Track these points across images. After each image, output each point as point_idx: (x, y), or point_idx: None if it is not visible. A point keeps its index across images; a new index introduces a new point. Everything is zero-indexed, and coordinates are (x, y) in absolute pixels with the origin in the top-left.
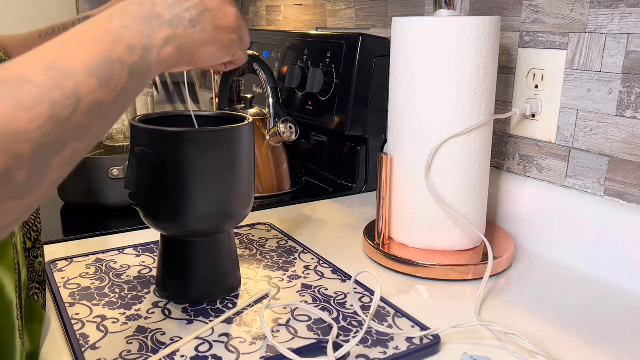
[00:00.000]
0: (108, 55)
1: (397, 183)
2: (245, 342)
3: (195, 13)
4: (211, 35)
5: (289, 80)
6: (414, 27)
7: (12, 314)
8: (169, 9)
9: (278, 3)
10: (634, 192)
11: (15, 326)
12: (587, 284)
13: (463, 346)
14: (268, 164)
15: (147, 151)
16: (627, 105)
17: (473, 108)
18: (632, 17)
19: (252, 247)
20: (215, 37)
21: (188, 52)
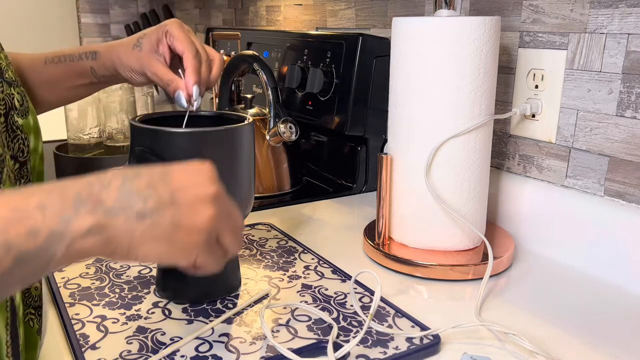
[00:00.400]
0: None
1: (397, 183)
2: (245, 342)
3: (153, 205)
4: (164, 232)
5: (289, 80)
6: (414, 27)
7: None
8: (117, 196)
9: (278, 3)
10: (634, 192)
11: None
12: (587, 284)
13: (463, 346)
14: (268, 164)
15: (147, 151)
16: (627, 105)
17: (473, 108)
18: (632, 17)
19: (252, 247)
20: (171, 235)
21: (122, 246)
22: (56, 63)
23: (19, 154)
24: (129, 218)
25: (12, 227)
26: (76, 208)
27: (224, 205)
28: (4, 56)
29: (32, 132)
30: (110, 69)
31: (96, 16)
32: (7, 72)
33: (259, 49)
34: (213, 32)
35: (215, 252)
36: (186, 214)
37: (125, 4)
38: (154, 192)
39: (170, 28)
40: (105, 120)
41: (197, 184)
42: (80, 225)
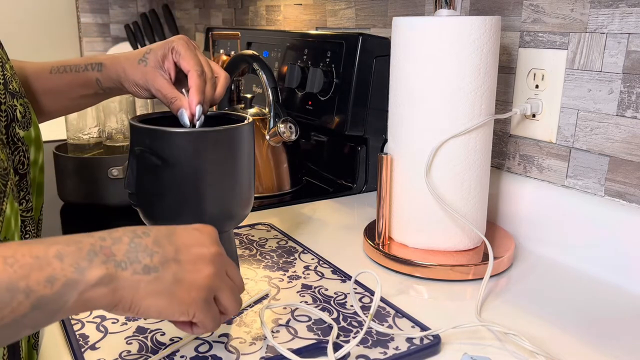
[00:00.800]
0: (16, 282)
1: (397, 183)
2: (245, 342)
3: (158, 261)
4: (167, 287)
5: (289, 80)
6: (414, 27)
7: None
8: (127, 250)
9: (278, 3)
10: (634, 192)
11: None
12: (587, 284)
13: (463, 346)
14: (268, 164)
15: (147, 151)
16: (628, 105)
17: (473, 108)
18: (632, 16)
19: (252, 247)
20: (172, 291)
21: (126, 299)
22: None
23: (19, 166)
24: (136, 271)
25: (33, 274)
26: (90, 259)
27: (223, 265)
28: (9, 67)
29: (33, 144)
30: (116, 82)
31: (96, 16)
32: (11, 83)
33: (259, 49)
34: (213, 32)
35: (213, 311)
36: (188, 271)
37: (125, 4)
38: (160, 249)
39: (176, 45)
40: (105, 120)
41: (199, 244)
42: (93, 275)
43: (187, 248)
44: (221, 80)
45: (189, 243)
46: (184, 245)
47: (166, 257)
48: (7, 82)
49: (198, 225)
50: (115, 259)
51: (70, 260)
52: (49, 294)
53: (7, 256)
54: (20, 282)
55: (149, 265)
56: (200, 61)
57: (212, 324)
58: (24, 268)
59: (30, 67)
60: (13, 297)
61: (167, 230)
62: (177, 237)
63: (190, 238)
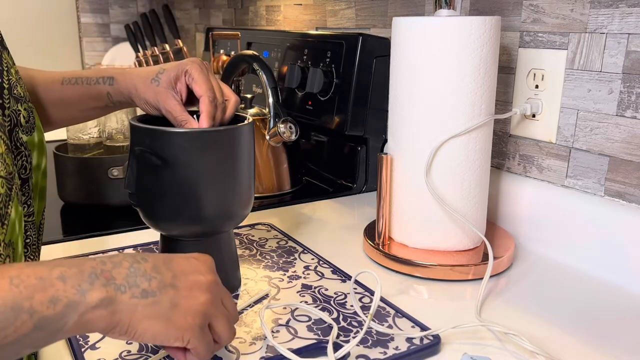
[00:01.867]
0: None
1: (397, 183)
2: (245, 342)
3: (156, 286)
4: (163, 311)
5: (289, 80)
6: (414, 27)
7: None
8: (126, 274)
9: (278, 3)
10: (634, 192)
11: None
12: (587, 284)
13: (463, 346)
14: (268, 164)
15: (147, 151)
16: (628, 105)
17: (473, 108)
18: (632, 17)
19: (252, 247)
20: (168, 316)
21: (123, 322)
22: (73, 84)
23: (21, 170)
24: (134, 295)
25: (37, 295)
26: (91, 281)
27: (219, 293)
28: (15, 71)
29: (36, 148)
30: (126, 96)
31: (96, 16)
32: (16, 88)
33: (259, 49)
34: (213, 32)
35: (207, 338)
36: (184, 297)
37: (125, 4)
38: (158, 275)
39: (190, 68)
40: (105, 120)
41: (197, 272)
42: (94, 297)
43: (184, 275)
44: (231, 104)
45: (186, 270)
46: (182, 272)
47: (164, 283)
48: (12, 87)
49: (196, 254)
50: (115, 283)
51: (73, 282)
52: (52, 314)
53: (13, 276)
54: (25, 302)
55: (147, 290)
56: (212, 86)
57: (205, 351)
58: (29, 289)
59: (41, 76)
60: (17, 316)
61: (165, 257)
62: (175, 264)
63: (187, 265)
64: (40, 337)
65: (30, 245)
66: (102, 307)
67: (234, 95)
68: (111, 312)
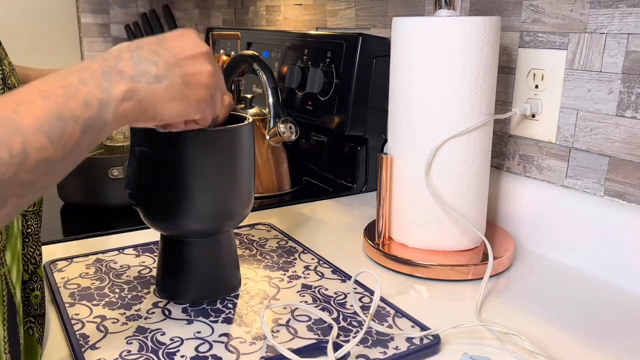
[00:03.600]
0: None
1: (397, 183)
2: (245, 342)
3: (164, 68)
4: (179, 91)
5: (289, 80)
6: (414, 27)
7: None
8: (133, 64)
9: (278, 3)
10: (634, 192)
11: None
12: (587, 283)
13: (463, 346)
14: (268, 164)
15: (147, 151)
16: (627, 105)
17: (473, 108)
18: (632, 17)
19: (252, 247)
20: (184, 93)
21: (150, 108)
22: None
23: None
24: (149, 82)
25: (70, 102)
26: (107, 79)
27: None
28: (8, 62)
29: None
30: None
31: (96, 16)
32: (10, 78)
33: (259, 49)
34: (213, 32)
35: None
36: (191, 73)
37: (125, 4)
38: (159, 58)
39: None
40: None
41: (191, 46)
42: (117, 92)
43: (182, 51)
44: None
45: (182, 46)
46: (179, 49)
47: (168, 64)
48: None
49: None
50: (128, 74)
51: (94, 83)
52: (91, 115)
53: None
54: (64, 110)
55: (157, 74)
56: None
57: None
58: (61, 98)
59: (34, 74)
60: (66, 124)
61: (156, 39)
62: (168, 43)
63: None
64: (91, 139)
65: (31, 235)
66: (128, 99)
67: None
68: (137, 101)
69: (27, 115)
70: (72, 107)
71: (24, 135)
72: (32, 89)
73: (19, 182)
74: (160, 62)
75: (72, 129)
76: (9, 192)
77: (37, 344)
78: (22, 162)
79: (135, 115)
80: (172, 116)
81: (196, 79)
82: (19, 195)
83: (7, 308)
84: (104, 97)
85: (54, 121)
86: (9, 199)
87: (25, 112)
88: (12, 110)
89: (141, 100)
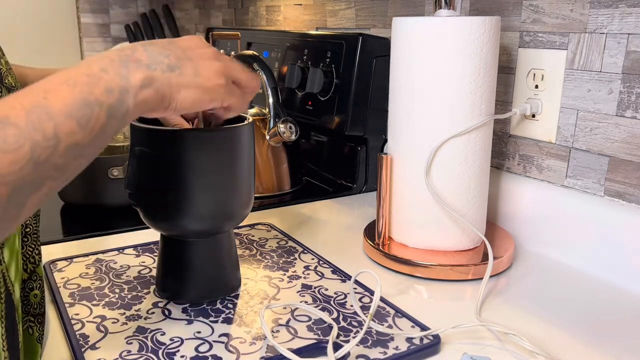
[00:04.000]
0: (87, 97)
1: (397, 183)
2: (245, 342)
3: (175, 59)
4: (191, 80)
5: (289, 80)
6: (414, 27)
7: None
8: (147, 55)
9: (278, 3)
10: (634, 192)
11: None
12: (587, 283)
13: (463, 346)
14: (268, 164)
15: (147, 151)
16: (627, 105)
17: (473, 108)
18: (632, 17)
19: (252, 247)
20: (197, 82)
21: (166, 95)
22: None
23: None
24: (164, 71)
25: (94, 89)
26: (126, 67)
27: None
28: (5, 62)
29: None
30: None
31: (96, 16)
32: (7, 77)
33: (259, 49)
34: (213, 32)
35: (236, 92)
36: (201, 66)
37: (125, 4)
38: (171, 52)
39: None
40: None
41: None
42: (136, 79)
43: (191, 49)
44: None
45: (191, 45)
46: (188, 47)
47: (179, 56)
48: (3, 77)
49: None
50: (144, 63)
51: (114, 71)
52: (114, 102)
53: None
54: (89, 97)
55: (170, 64)
56: None
57: (239, 103)
58: (85, 86)
59: (32, 74)
60: (92, 110)
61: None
62: (178, 42)
63: (189, 42)
64: (114, 124)
65: (30, 234)
66: (146, 86)
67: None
68: (155, 89)
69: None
70: (96, 93)
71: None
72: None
73: (53, 165)
74: (171, 55)
75: (97, 114)
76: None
77: (37, 343)
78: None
79: (153, 103)
80: (186, 104)
81: (207, 72)
82: (54, 178)
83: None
84: (124, 84)
85: (81, 107)
86: (44, 181)
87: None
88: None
89: (158, 88)
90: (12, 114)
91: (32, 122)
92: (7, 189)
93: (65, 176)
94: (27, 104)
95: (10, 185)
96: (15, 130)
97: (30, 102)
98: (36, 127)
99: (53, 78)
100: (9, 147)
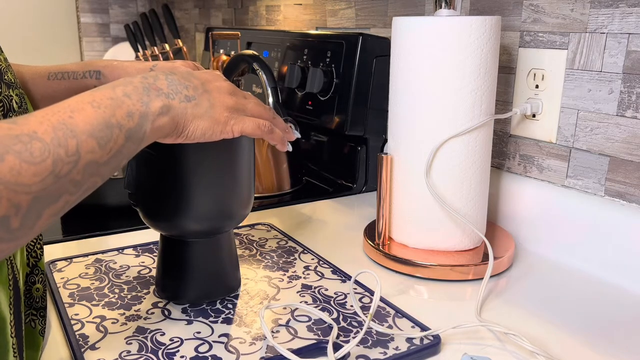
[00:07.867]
0: (109, 119)
1: (397, 183)
2: (245, 342)
3: (193, 91)
4: (205, 111)
5: (289, 80)
6: (414, 27)
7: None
8: (168, 84)
9: (278, 3)
10: (634, 192)
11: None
12: (587, 284)
13: (463, 346)
14: (268, 164)
15: (147, 151)
16: (628, 105)
17: (473, 108)
18: (632, 16)
19: (252, 247)
20: (210, 114)
21: (180, 124)
22: (59, 79)
23: None
24: (182, 101)
25: (117, 112)
26: (148, 94)
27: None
28: (4, 58)
29: None
30: None
31: (96, 16)
32: (6, 74)
33: (259, 49)
34: (213, 32)
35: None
36: (216, 98)
37: (125, 4)
38: (190, 83)
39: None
40: None
41: (217, 79)
42: (155, 107)
43: (209, 82)
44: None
45: (209, 79)
46: (206, 80)
47: (197, 89)
48: (2, 73)
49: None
50: (164, 92)
51: (136, 97)
52: (133, 126)
53: (91, 101)
54: (111, 119)
55: (188, 95)
56: None
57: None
58: (109, 108)
59: (28, 71)
60: (112, 132)
61: (185, 71)
62: (197, 75)
63: (208, 75)
64: (131, 147)
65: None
66: (163, 114)
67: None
68: (171, 117)
69: (81, 120)
70: (118, 116)
71: (77, 138)
72: (83, 99)
73: (71, 181)
74: (190, 86)
75: (117, 136)
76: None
77: (40, 336)
78: (75, 162)
79: (168, 129)
80: (197, 133)
81: (221, 103)
82: (71, 192)
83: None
84: (144, 110)
85: (103, 128)
86: (62, 195)
87: (79, 117)
88: (68, 115)
89: (174, 116)
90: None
91: (57, 138)
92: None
93: (80, 192)
94: (55, 121)
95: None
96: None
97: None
98: (60, 143)
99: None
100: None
